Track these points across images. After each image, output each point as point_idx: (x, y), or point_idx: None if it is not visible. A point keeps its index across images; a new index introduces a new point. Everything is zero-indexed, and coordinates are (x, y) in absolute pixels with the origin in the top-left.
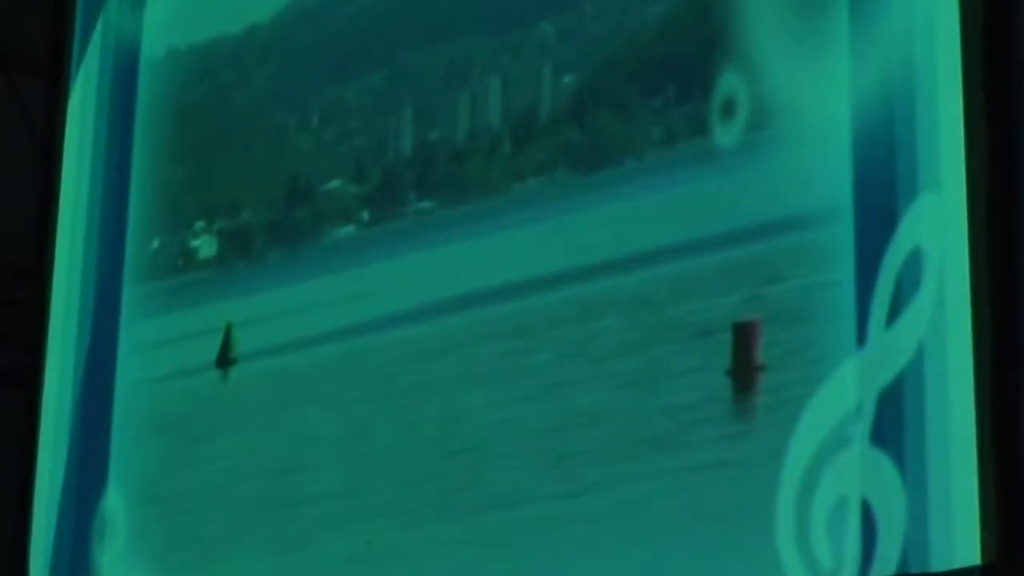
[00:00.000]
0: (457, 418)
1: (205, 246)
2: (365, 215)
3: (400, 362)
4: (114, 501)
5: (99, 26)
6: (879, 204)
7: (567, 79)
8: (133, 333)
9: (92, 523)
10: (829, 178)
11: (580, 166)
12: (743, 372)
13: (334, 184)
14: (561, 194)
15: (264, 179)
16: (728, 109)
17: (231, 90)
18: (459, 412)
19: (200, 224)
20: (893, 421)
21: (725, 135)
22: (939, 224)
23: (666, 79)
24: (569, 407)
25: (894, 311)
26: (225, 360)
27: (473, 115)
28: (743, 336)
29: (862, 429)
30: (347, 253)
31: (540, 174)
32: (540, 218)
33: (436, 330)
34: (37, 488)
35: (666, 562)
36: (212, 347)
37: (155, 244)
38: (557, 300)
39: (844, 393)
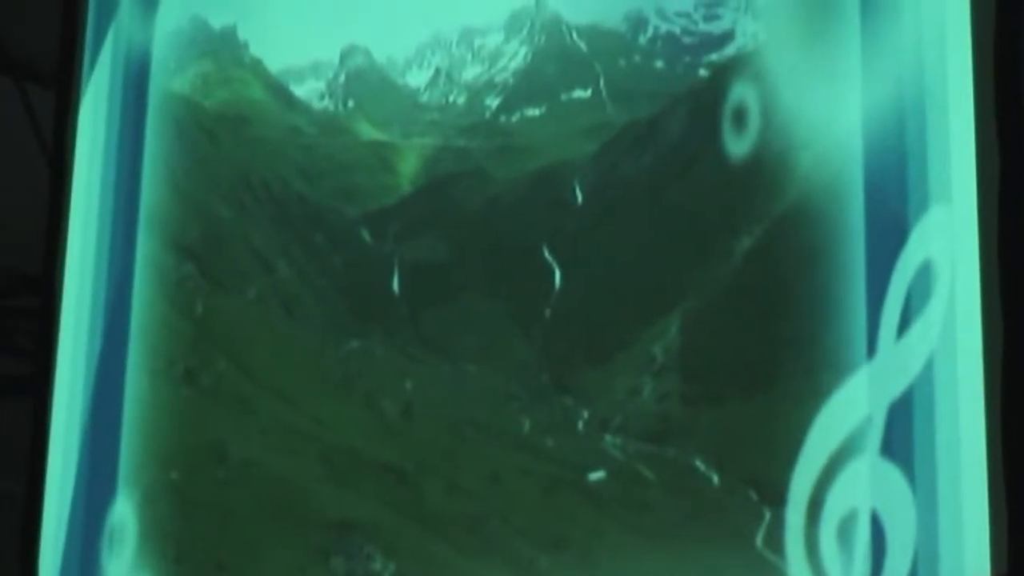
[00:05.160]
0: None
1: None
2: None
3: None
4: (124, 510)
5: (110, 35)
6: (890, 216)
7: None
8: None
9: (102, 532)
10: (840, 189)
11: None
12: None
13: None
14: None
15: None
16: (739, 119)
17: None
18: None
19: None
20: (903, 433)
21: (736, 145)
22: (950, 237)
23: None
24: None
25: (904, 323)
26: None
27: None
28: None
29: (872, 441)
30: None
31: None
32: None
33: None
34: (46, 497)
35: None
36: None
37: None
38: None
39: (854, 405)
